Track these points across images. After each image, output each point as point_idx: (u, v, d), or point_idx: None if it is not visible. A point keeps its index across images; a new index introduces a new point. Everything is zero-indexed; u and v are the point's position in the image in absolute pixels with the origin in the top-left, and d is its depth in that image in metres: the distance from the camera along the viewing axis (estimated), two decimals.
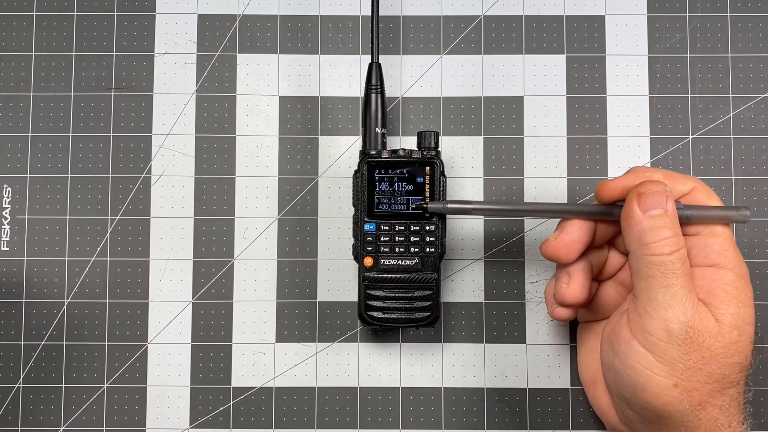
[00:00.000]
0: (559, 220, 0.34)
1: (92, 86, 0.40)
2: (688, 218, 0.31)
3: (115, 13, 0.40)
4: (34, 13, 0.40)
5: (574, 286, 0.33)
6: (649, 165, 0.39)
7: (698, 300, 0.30)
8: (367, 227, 0.35)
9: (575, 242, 0.33)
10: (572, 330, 0.38)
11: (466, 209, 0.34)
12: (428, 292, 0.35)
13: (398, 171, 0.36)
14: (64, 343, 0.38)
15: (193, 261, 0.39)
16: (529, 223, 0.39)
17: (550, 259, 0.33)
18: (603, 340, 0.33)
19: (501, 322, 0.38)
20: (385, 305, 0.35)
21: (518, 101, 0.39)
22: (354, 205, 0.36)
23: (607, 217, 0.33)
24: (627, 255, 0.32)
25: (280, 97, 0.40)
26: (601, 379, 0.35)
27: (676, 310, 0.29)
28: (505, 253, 0.39)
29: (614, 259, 0.35)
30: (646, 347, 0.30)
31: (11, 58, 0.40)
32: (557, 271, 0.34)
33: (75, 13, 0.40)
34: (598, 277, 0.35)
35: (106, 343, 0.38)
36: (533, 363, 0.38)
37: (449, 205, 0.34)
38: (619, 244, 0.35)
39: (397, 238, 0.35)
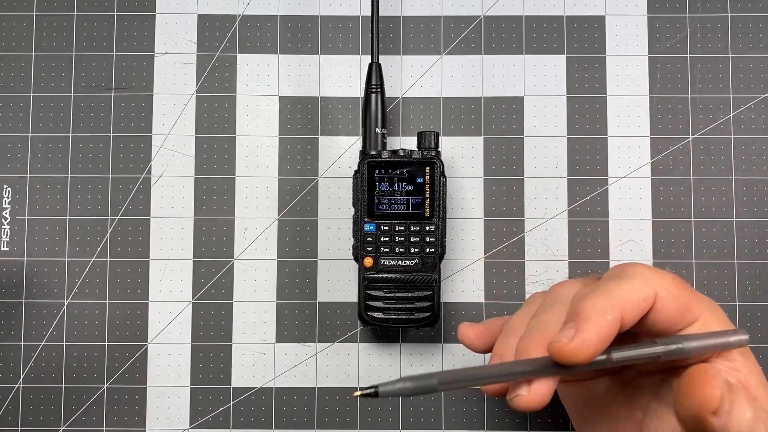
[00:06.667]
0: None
1: (92, 86, 0.40)
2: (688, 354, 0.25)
3: (115, 13, 0.40)
4: (34, 13, 0.40)
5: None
6: (650, 166, 0.39)
7: None
8: (367, 227, 0.35)
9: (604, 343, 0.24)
10: None
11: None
12: (428, 293, 0.35)
13: (398, 171, 0.36)
14: (64, 343, 0.38)
15: (193, 261, 0.39)
16: (529, 223, 0.39)
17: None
18: None
19: None
20: (385, 305, 0.35)
21: (518, 101, 0.39)
22: (354, 206, 0.36)
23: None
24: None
25: (280, 97, 0.40)
26: None
27: None
28: (505, 253, 0.39)
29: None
30: None
31: (11, 58, 0.40)
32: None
33: (75, 13, 0.40)
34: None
35: (106, 343, 0.38)
36: None
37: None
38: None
39: (397, 239, 0.35)
